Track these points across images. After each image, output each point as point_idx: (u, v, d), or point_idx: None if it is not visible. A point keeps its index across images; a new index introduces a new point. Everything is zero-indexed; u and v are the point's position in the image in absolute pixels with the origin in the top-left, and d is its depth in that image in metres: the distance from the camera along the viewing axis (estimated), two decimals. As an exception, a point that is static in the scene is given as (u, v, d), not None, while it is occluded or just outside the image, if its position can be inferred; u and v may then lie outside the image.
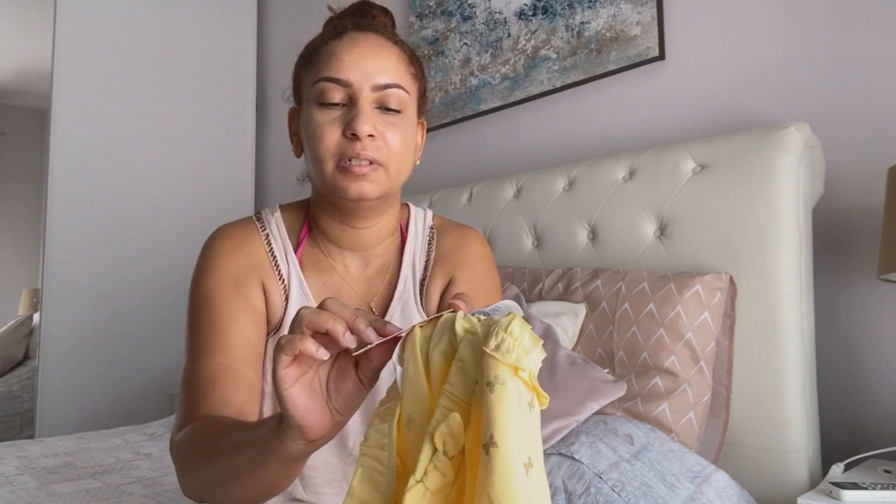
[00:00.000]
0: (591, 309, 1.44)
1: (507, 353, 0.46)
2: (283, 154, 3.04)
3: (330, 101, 0.79)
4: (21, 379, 2.97)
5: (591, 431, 1.15)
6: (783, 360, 1.28)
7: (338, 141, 0.79)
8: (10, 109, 3.29)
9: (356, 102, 0.79)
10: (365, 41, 0.81)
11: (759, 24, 1.57)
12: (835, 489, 1.06)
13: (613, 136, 1.83)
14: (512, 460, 0.44)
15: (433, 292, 0.91)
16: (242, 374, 0.79)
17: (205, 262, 0.86)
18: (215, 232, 0.89)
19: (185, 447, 0.72)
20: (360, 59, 0.79)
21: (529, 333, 0.47)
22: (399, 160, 0.81)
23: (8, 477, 1.43)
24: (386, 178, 0.80)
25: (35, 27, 2.74)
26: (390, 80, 0.80)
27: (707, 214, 1.40)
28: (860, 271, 1.40)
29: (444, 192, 2.07)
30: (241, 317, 0.82)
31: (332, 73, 0.79)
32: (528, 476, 0.45)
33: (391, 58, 0.81)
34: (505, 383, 0.45)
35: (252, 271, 0.86)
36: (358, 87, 0.79)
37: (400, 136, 0.81)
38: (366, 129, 0.77)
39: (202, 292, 0.84)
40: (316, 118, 0.80)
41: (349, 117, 0.78)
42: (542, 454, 0.47)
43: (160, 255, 2.68)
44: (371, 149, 0.78)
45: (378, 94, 0.79)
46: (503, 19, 2.10)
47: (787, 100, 1.51)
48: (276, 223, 0.91)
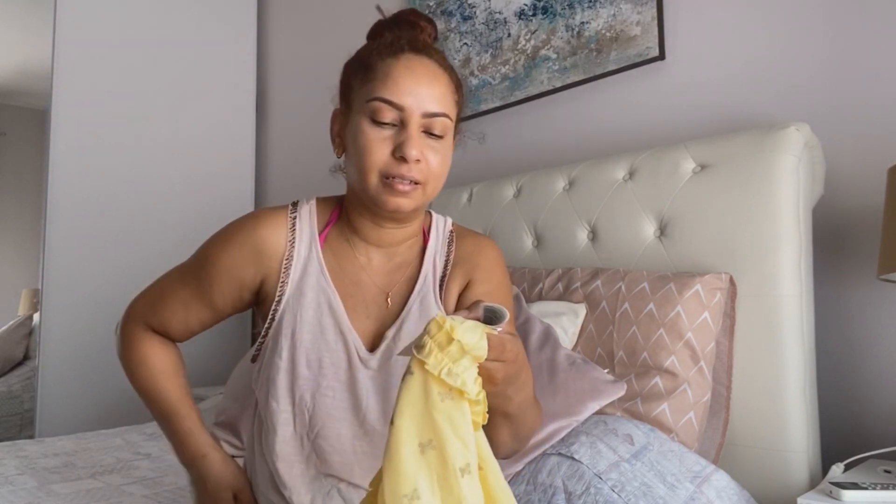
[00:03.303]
0: (591, 309, 1.44)
1: (420, 348, 0.56)
2: (284, 154, 3.04)
3: (382, 120, 0.85)
4: (21, 379, 2.97)
5: (591, 431, 1.15)
6: (783, 360, 1.28)
7: (386, 159, 0.85)
8: (10, 109, 3.29)
9: (407, 127, 0.85)
10: (420, 68, 0.87)
11: (759, 25, 1.57)
12: (835, 489, 1.06)
13: (613, 136, 1.83)
14: (401, 437, 0.53)
15: (452, 289, 0.98)
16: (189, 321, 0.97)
17: (232, 232, 0.95)
18: (255, 214, 0.97)
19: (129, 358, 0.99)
20: (415, 85, 0.86)
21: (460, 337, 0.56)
22: (436, 179, 0.90)
23: (8, 477, 1.43)
24: (423, 196, 0.89)
25: (35, 27, 2.74)
26: (439, 110, 0.87)
27: (707, 214, 1.40)
28: (860, 271, 1.40)
29: (444, 192, 2.07)
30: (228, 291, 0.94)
31: (388, 94, 0.85)
32: (424, 455, 0.53)
33: (442, 87, 0.88)
34: (413, 373, 0.55)
35: (257, 269, 0.93)
36: (410, 112, 0.85)
37: (441, 160, 0.89)
38: (414, 153, 0.84)
39: (207, 253, 0.96)
40: (368, 133, 0.86)
41: (399, 140, 0.85)
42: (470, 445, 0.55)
43: (160, 254, 2.67)
44: (416, 171, 0.86)
45: (427, 120, 0.86)
46: (503, 19, 2.10)
47: (787, 100, 1.51)
48: (310, 210, 0.97)
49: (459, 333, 0.56)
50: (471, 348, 0.56)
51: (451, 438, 0.53)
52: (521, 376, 0.71)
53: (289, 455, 0.91)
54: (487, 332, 0.59)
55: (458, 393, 0.55)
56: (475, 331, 0.57)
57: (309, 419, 0.90)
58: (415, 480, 0.52)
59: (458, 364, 0.55)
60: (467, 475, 0.53)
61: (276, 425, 0.91)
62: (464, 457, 0.53)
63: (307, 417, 0.90)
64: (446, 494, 0.53)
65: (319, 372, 0.90)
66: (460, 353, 0.55)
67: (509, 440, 0.84)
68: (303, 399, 0.90)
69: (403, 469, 0.53)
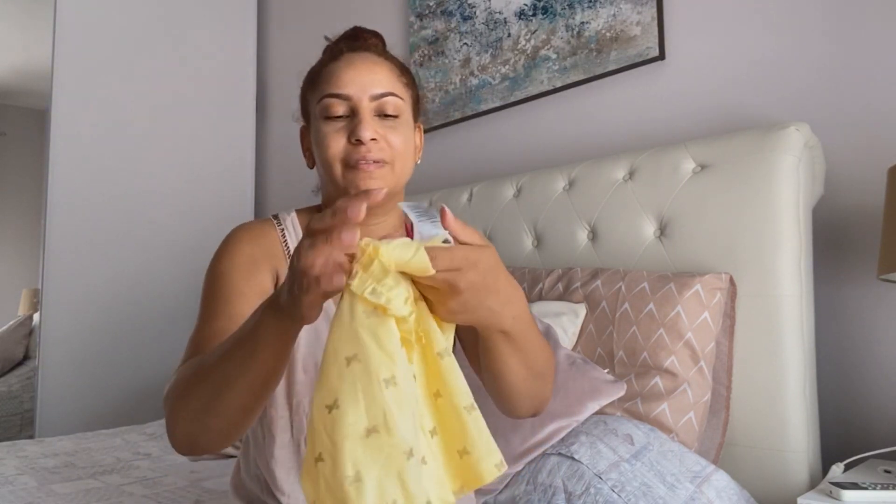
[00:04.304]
0: (591, 309, 1.44)
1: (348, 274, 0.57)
2: (283, 154, 3.04)
3: (334, 114, 0.89)
4: (21, 379, 2.97)
5: (591, 431, 1.15)
6: (783, 360, 1.28)
7: (344, 147, 0.88)
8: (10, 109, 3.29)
9: (357, 112, 0.89)
10: (359, 59, 0.92)
11: (759, 24, 1.57)
12: (835, 489, 1.06)
13: (613, 136, 1.83)
14: (328, 352, 0.56)
15: None
16: None
17: (222, 247, 0.94)
18: (236, 227, 0.97)
19: (174, 386, 0.76)
20: (357, 74, 0.90)
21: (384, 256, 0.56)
22: (402, 158, 0.91)
23: (8, 477, 1.43)
24: (391, 175, 0.90)
25: (35, 27, 2.74)
26: (385, 90, 0.90)
27: (707, 214, 1.40)
28: (860, 271, 1.40)
29: (444, 192, 2.07)
30: (249, 292, 0.88)
31: (333, 89, 0.89)
32: (349, 367, 0.54)
33: (383, 70, 0.92)
34: (343, 297, 0.57)
35: (266, 259, 0.92)
36: (357, 99, 0.89)
37: (400, 137, 0.90)
38: (368, 134, 0.87)
39: (216, 272, 0.91)
40: (322, 130, 0.90)
41: (352, 126, 0.88)
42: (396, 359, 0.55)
43: (160, 254, 2.69)
44: (375, 150, 0.88)
45: (376, 103, 0.89)
46: (503, 19, 2.10)
47: (787, 100, 1.51)
48: (292, 221, 0.99)
49: (382, 252, 0.57)
50: (402, 265, 0.57)
51: (376, 351, 0.54)
52: (500, 286, 0.64)
53: (286, 460, 0.91)
54: (430, 246, 0.59)
55: (383, 310, 0.56)
56: (405, 248, 0.57)
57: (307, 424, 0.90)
58: (336, 392, 0.54)
59: (382, 283, 0.56)
60: (392, 386, 0.54)
61: (274, 431, 0.91)
62: (388, 369, 0.54)
63: (305, 423, 0.90)
64: (370, 404, 0.54)
65: (316, 376, 0.90)
66: (383, 273, 0.56)
67: (523, 371, 0.75)
68: (300, 404, 0.90)
69: (326, 381, 0.55)
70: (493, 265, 0.63)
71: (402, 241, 0.58)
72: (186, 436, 0.74)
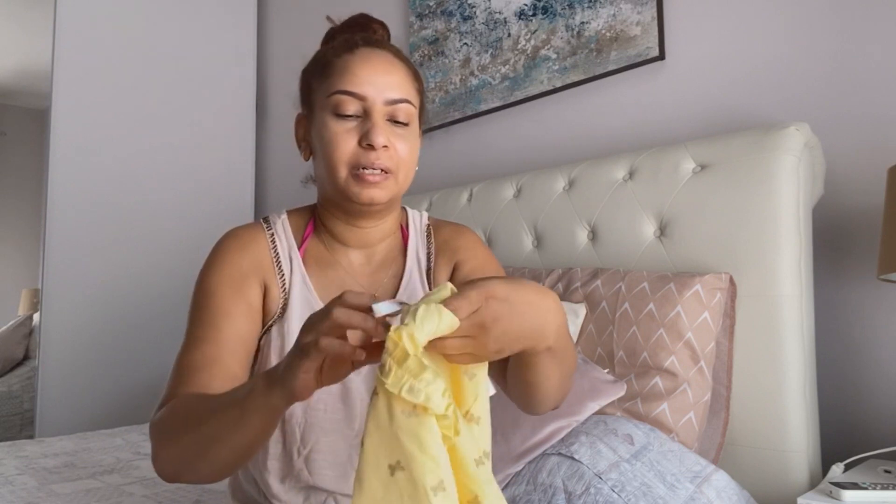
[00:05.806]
0: (591, 309, 1.44)
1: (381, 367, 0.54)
2: (284, 154, 3.04)
3: (345, 112, 0.85)
4: (21, 379, 2.97)
5: (591, 431, 1.15)
6: (783, 360, 1.28)
7: (353, 150, 0.85)
8: (10, 109, 3.29)
9: (370, 115, 0.85)
10: (377, 58, 0.88)
11: (759, 24, 1.57)
12: (835, 489, 1.06)
13: (613, 136, 1.83)
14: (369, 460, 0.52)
15: (441, 279, 0.97)
16: (227, 366, 0.83)
17: (210, 259, 0.92)
18: (225, 234, 0.95)
19: (163, 420, 0.75)
20: (373, 74, 0.86)
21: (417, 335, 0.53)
22: (407, 168, 0.89)
23: (8, 477, 1.43)
24: (395, 185, 0.88)
25: (35, 27, 2.74)
26: (400, 96, 0.87)
27: (707, 214, 1.40)
28: (860, 271, 1.40)
29: (444, 192, 2.07)
30: (236, 312, 0.87)
31: (347, 86, 0.85)
32: (394, 477, 0.51)
33: (400, 74, 0.89)
34: (377, 394, 0.54)
35: (253, 270, 0.91)
36: (372, 100, 0.85)
37: (409, 147, 0.88)
38: (381, 140, 0.84)
39: (204, 287, 0.89)
40: (332, 127, 0.86)
41: (364, 129, 0.85)
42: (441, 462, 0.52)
43: (160, 254, 2.68)
44: (384, 158, 0.85)
45: (390, 108, 0.86)
46: (503, 19, 2.10)
47: (787, 100, 1.51)
48: (283, 224, 0.96)
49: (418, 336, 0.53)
50: (435, 334, 0.53)
51: (420, 457, 0.51)
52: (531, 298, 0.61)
53: (279, 470, 0.91)
54: (443, 301, 0.56)
55: (423, 409, 0.52)
56: (429, 317, 0.53)
57: (301, 435, 0.89)
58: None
59: (420, 379, 0.52)
60: (440, 492, 0.51)
61: (267, 444, 0.90)
62: (435, 475, 0.51)
63: (299, 434, 0.89)
64: None
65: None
66: (420, 367, 0.52)
67: (559, 377, 0.73)
68: (293, 415, 0.89)
69: (369, 492, 0.52)
70: (511, 285, 0.60)
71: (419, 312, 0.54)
72: (173, 473, 0.75)
